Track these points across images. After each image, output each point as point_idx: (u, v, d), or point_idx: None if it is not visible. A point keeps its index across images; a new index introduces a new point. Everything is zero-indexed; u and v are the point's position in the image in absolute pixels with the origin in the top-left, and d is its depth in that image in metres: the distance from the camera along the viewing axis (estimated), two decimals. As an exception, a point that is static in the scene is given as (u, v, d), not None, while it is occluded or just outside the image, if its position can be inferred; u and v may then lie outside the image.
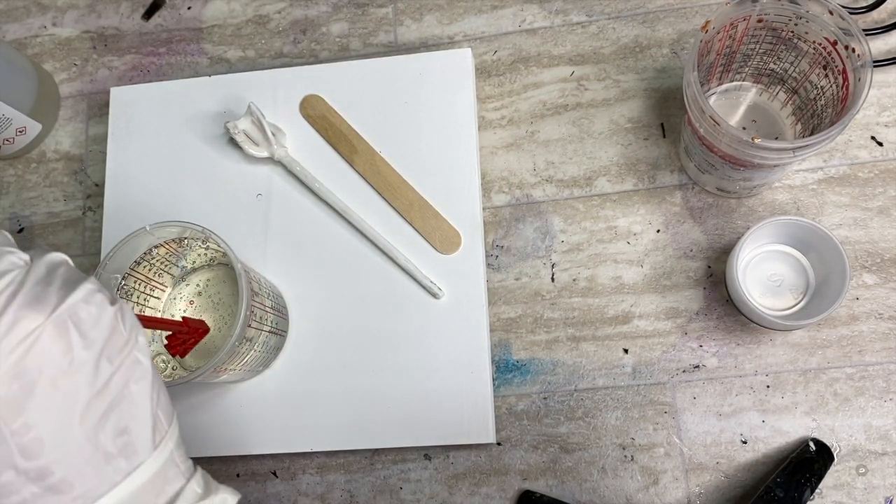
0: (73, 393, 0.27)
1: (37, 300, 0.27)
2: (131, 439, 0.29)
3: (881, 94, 0.57)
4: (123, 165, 0.62)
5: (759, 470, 0.53)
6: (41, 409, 0.27)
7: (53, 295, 0.28)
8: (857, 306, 0.54)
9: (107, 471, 0.28)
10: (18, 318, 0.26)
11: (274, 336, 0.54)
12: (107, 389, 0.28)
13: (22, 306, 0.27)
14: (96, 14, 0.70)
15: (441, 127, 0.59)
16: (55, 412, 0.27)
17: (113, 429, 0.28)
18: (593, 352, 0.56)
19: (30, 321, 0.27)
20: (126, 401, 0.29)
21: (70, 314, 0.28)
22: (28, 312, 0.27)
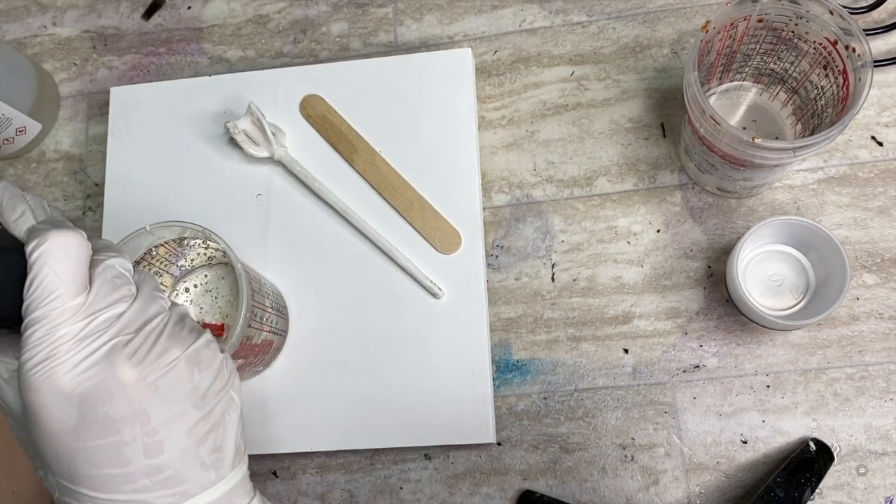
0: (187, 412, 0.35)
1: (177, 338, 0.35)
2: (221, 456, 0.36)
3: (881, 94, 0.57)
4: (123, 165, 0.62)
5: (760, 470, 0.53)
6: (165, 420, 0.34)
7: (187, 337, 0.36)
8: (858, 306, 0.54)
9: (202, 477, 0.35)
10: (166, 349, 0.34)
11: (274, 336, 0.54)
12: (211, 415, 0.36)
13: (168, 339, 0.35)
14: (96, 14, 0.70)
15: (441, 127, 0.59)
16: (173, 424, 0.34)
17: (211, 446, 0.35)
18: (593, 352, 0.56)
19: (173, 353, 0.35)
20: (222, 427, 0.36)
21: (196, 353, 0.36)
22: (172, 345, 0.35)
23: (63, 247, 0.33)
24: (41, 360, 0.32)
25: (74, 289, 0.32)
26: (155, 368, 0.34)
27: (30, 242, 0.33)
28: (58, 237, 0.33)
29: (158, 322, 0.35)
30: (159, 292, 0.37)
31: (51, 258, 0.32)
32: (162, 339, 0.35)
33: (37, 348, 0.32)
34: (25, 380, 0.32)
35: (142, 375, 0.33)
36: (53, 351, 0.32)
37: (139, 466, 0.33)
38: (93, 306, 0.33)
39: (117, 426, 0.33)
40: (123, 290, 0.34)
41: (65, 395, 0.32)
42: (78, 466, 0.33)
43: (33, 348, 0.32)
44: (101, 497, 0.33)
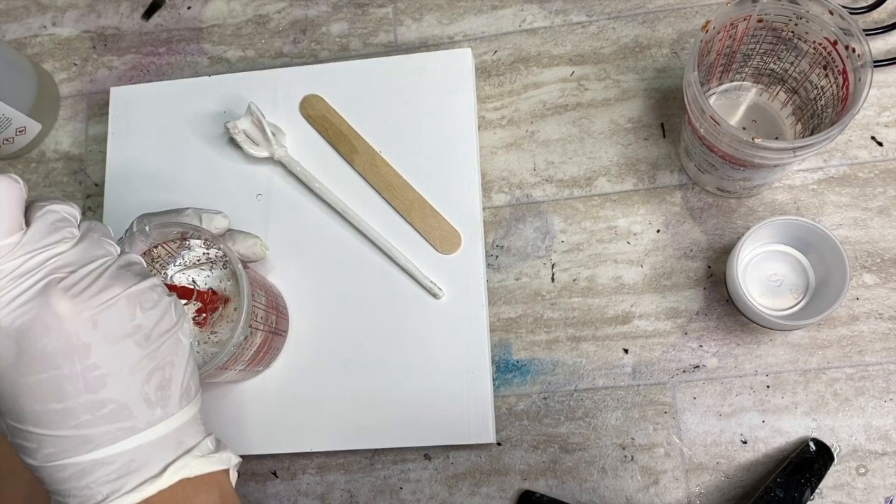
0: (130, 349, 0.35)
1: (119, 278, 0.36)
2: (168, 394, 0.36)
3: (881, 94, 0.57)
4: (123, 165, 0.62)
5: (760, 470, 0.53)
6: (106, 355, 0.34)
7: (130, 278, 0.36)
8: (857, 306, 0.54)
9: (147, 413, 0.35)
10: (106, 286, 0.35)
11: (276, 336, 0.54)
12: (155, 354, 0.36)
13: (109, 278, 0.35)
14: (96, 14, 0.70)
15: (441, 127, 0.59)
16: (115, 360, 0.35)
17: (155, 383, 0.36)
18: (593, 352, 0.56)
19: (112, 290, 0.35)
20: (168, 366, 0.37)
21: (139, 293, 0.36)
22: (112, 283, 0.35)
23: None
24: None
25: (6, 228, 0.33)
26: (92, 304, 0.34)
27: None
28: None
29: (101, 263, 0.36)
30: (109, 240, 0.38)
31: None
32: (103, 278, 0.35)
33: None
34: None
35: (77, 310, 0.34)
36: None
37: (81, 401, 0.34)
38: (28, 245, 0.33)
39: (56, 360, 0.33)
40: (64, 231, 0.35)
41: (3, 331, 0.33)
42: (22, 403, 0.33)
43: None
44: (45, 433, 0.34)
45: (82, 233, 0.36)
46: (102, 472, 0.34)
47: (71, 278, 0.34)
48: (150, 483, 0.35)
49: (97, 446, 0.34)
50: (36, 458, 0.34)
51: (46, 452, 0.34)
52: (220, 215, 0.52)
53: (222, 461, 0.38)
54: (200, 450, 0.37)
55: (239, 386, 0.57)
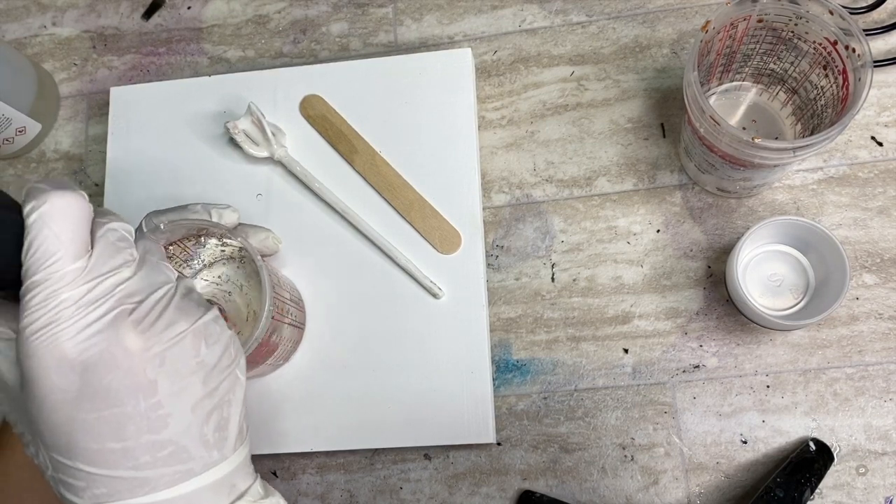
0: (194, 387, 0.33)
1: (184, 310, 0.34)
2: (225, 435, 0.35)
3: (881, 94, 0.57)
4: (123, 165, 0.62)
5: (759, 470, 0.53)
6: (170, 394, 0.32)
7: (194, 310, 0.35)
8: (857, 306, 0.54)
9: (205, 455, 0.34)
10: (173, 320, 0.33)
11: (294, 329, 0.54)
12: (215, 392, 0.35)
13: (175, 310, 0.34)
14: (96, 14, 0.70)
15: (441, 127, 0.59)
16: (179, 399, 0.33)
17: (214, 424, 0.34)
18: (593, 352, 0.56)
19: (180, 324, 0.33)
20: (226, 405, 0.35)
21: (204, 327, 0.35)
22: (179, 317, 0.34)
23: (63, 208, 0.31)
24: (43, 325, 0.30)
25: (75, 251, 0.31)
26: (161, 339, 0.32)
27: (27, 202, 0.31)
28: (58, 198, 0.31)
29: (165, 292, 0.34)
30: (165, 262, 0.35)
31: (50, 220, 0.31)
32: (169, 310, 0.33)
33: (38, 313, 0.30)
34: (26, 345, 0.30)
35: (147, 345, 0.32)
36: (56, 316, 0.30)
37: (142, 441, 0.32)
38: (95, 270, 0.31)
39: (120, 397, 0.31)
40: (125, 254, 0.33)
41: (67, 363, 0.30)
42: (77, 440, 0.31)
43: (34, 313, 0.30)
44: (98, 473, 0.31)
45: (140, 254, 0.34)
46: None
47: (140, 310, 0.32)
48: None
49: (153, 489, 0.32)
50: (82, 498, 0.32)
51: (97, 492, 0.32)
52: (230, 209, 0.50)
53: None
54: (252, 495, 0.36)
55: (239, 386, 0.57)
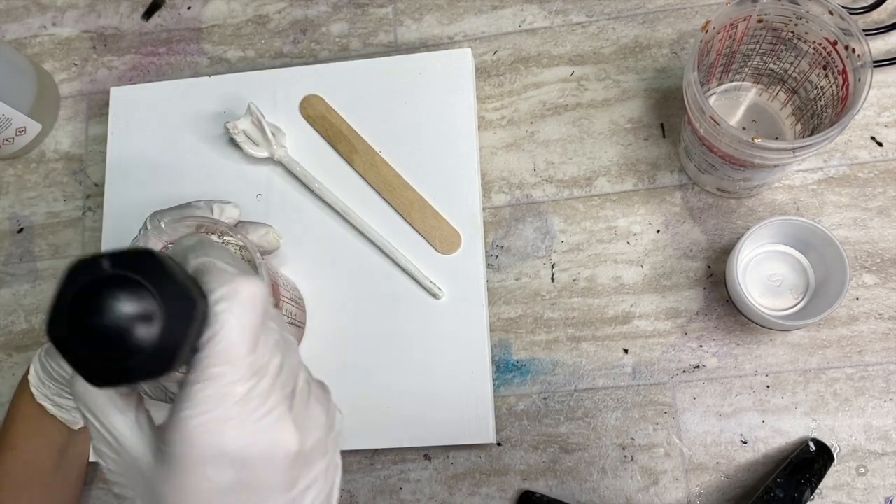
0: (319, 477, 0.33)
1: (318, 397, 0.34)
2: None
3: (881, 95, 0.57)
4: (123, 165, 0.62)
5: (759, 470, 0.53)
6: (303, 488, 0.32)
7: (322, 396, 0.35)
8: (857, 306, 0.54)
9: None
10: (315, 412, 0.33)
11: (293, 327, 0.54)
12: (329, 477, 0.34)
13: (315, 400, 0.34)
14: (96, 14, 0.70)
15: (441, 127, 0.59)
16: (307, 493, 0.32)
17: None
18: (593, 352, 0.56)
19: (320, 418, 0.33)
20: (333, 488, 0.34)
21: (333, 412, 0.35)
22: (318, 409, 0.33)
23: (250, 298, 0.29)
24: (211, 418, 0.29)
25: (252, 344, 0.29)
26: (310, 437, 0.32)
27: (216, 289, 0.29)
28: (246, 286, 0.29)
29: (304, 381, 0.33)
30: (287, 332, 0.34)
31: (239, 311, 0.29)
32: (311, 402, 0.33)
33: (206, 405, 0.29)
34: (187, 435, 0.29)
35: (300, 442, 0.31)
36: (227, 412, 0.29)
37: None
38: (260, 360, 0.30)
39: (265, 494, 0.30)
40: (275, 334, 0.31)
41: (228, 457, 0.29)
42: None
43: (202, 404, 0.29)
44: None
45: (282, 335, 0.32)
46: None
47: (296, 406, 0.31)
48: None
49: None
50: None
51: None
52: (232, 204, 0.52)
53: None
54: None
55: (239, 386, 0.57)
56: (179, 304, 0.27)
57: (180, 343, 0.27)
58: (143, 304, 0.26)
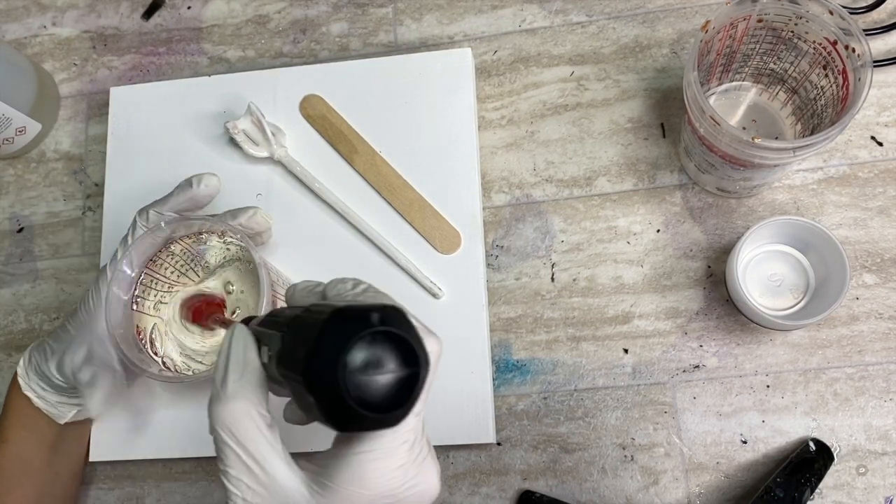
0: None
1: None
2: None
3: (881, 94, 0.57)
4: (123, 165, 0.62)
5: (760, 470, 0.53)
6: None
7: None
8: (857, 306, 0.54)
9: None
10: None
11: None
12: None
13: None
14: (96, 14, 0.70)
15: (441, 127, 0.59)
16: None
17: None
18: (593, 352, 0.56)
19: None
20: None
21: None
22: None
23: (436, 356, 0.32)
24: (388, 463, 0.31)
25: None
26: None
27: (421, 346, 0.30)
28: (432, 345, 0.32)
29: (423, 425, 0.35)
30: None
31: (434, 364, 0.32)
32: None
33: (385, 449, 0.32)
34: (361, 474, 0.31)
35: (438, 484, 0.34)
36: (401, 458, 0.32)
37: None
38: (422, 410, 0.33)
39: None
40: None
41: (392, 497, 0.32)
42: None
43: (382, 448, 0.32)
44: None
45: None
46: None
47: (432, 451, 0.34)
48: None
49: None
50: None
51: None
52: (209, 174, 0.52)
53: None
54: None
55: (239, 386, 0.57)
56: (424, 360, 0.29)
57: (419, 397, 0.29)
58: (416, 362, 0.29)
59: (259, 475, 0.32)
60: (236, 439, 0.32)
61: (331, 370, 0.27)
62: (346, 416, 0.28)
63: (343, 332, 0.28)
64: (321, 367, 0.27)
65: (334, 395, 0.27)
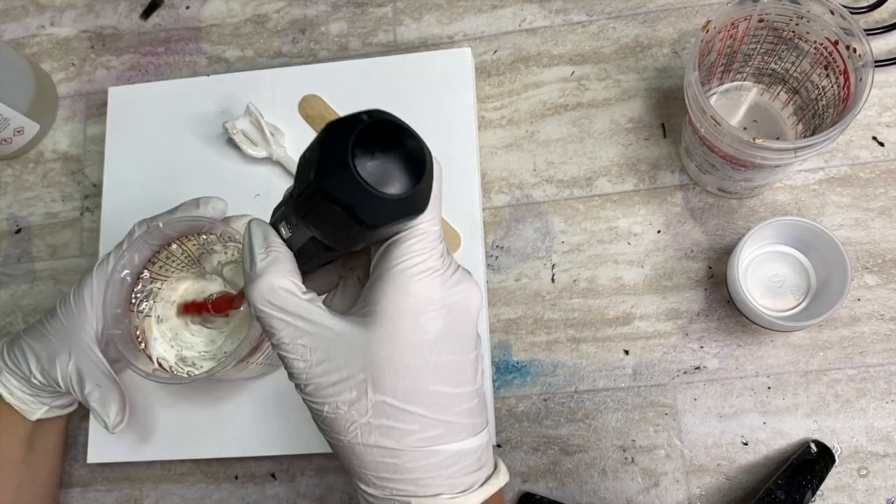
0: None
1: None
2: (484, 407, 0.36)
3: (882, 94, 0.57)
4: (121, 166, 0.62)
5: (760, 472, 0.53)
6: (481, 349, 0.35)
7: None
8: (859, 307, 0.54)
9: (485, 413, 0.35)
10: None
11: None
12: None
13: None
14: (94, 14, 0.69)
15: (441, 127, 0.59)
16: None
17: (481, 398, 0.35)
18: (594, 353, 0.56)
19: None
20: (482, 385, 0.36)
21: None
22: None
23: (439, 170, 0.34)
24: (424, 268, 0.32)
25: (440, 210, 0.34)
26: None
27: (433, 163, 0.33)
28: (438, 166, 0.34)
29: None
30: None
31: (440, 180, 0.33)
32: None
33: (421, 256, 0.32)
34: (402, 285, 0.32)
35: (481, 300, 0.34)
36: (435, 262, 0.32)
37: (466, 390, 0.33)
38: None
39: (465, 345, 0.33)
40: None
41: (437, 305, 0.32)
42: (421, 382, 0.32)
43: (417, 256, 0.32)
44: (431, 416, 0.33)
45: None
46: (466, 461, 0.34)
47: (454, 263, 0.35)
48: (495, 479, 0.35)
49: (469, 435, 0.34)
50: (403, 442, 0.33)
51: (425, 436, 0.33)
52: (216, 198, 0.52)
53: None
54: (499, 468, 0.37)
55: (237, 387, 0.56)
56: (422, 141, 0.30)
57: (432, 173, 0.30)
58: (418, 142, 0.30)
59: (310, 330, 0.32)
60: (277, 306, 0.32)
61: (344, 168, 0.28)
62: (372, 207, 0.28)
63: (342, 133, 0.29)
64: (334, 171, 0.28)
65: (355, 192, 0.28)
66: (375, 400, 0.32)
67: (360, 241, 0.31)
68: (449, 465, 0.33)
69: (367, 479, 0.33)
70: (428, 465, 0.33)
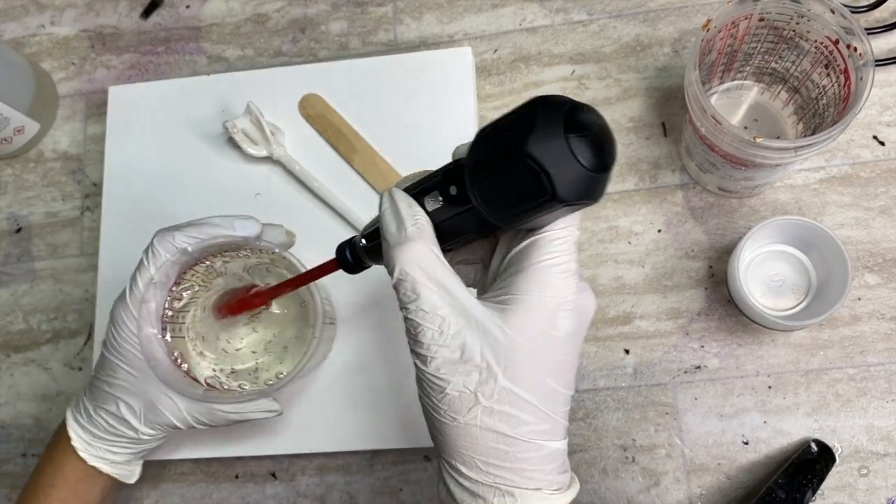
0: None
1: None
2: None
3: (883, 94, 0.57)
4: (122, 165, 0.62)
5: (761, 471, 0.53)
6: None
7: None
8: (859, 306, 0.54)
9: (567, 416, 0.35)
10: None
11: (329, 326, 0.54)
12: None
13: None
14: (94, 13, 0.69)
15: (441, 126, 0.59)
16: None
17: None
18: (594, 352, 0.56)
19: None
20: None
21: None
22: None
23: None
24: (565, 265, 0.33)
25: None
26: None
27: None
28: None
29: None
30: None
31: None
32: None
33: (565, 255, 0.33)
34: (546, 279, 0.33)
35: None
36: (572, 264, 0.34)
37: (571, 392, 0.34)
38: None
39: (578, 349, 0.34)
40: None
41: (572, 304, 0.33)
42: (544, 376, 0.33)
43: (561, 254, 0.33)
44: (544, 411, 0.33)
45: None
46: (560, 461, 0.34)
47: None
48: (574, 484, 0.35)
49: (564, 437, 0.34)
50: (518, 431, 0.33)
51: (537, 429, 0.33)
52: (252, 220, 0.48)
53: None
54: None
55: (238, 387, 0.56)
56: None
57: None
58: (613, 136, 0.31)
59: (452, 303, 0.33)
60: (426, 272, 0.33)
61: (556, 137, 0.29)
62: (571, 179, 0.29)
63: (555, 107, 0.30)
64: (544, 137, 0.29)
65: (560, 160, 0.29)
66: (503, 385, 0.32)
67: (527, 217, 0.31)
68: (550, 462, 0.34)
69: (471, 463, 0.33)
70: (535, 458, 0.33)
